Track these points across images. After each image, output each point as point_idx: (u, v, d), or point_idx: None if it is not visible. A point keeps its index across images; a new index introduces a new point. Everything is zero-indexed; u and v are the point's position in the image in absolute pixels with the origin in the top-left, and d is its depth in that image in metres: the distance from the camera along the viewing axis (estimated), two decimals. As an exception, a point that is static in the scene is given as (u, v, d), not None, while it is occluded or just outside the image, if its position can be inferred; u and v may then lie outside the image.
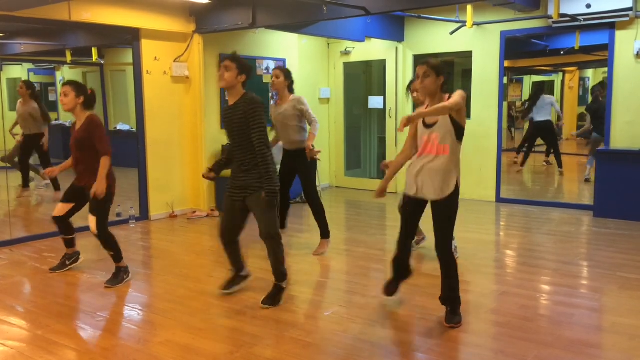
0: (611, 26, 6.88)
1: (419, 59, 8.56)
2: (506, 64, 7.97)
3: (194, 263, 5.40)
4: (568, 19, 6.76)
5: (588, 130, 8.61)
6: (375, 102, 9.12)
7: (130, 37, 6.81)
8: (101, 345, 3.60)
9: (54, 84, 8.80)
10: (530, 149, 9.43)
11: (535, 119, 9.13)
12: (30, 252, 5.67)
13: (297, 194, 7.74)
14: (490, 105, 7.89)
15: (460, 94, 3.53)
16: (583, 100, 10.54)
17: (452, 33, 7.72)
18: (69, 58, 7.98)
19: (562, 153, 9.48)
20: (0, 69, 7.42)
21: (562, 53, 8.91)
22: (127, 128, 7.94)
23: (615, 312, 4.03)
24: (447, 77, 3.71)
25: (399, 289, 4.16)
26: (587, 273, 4.97)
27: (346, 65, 9.26)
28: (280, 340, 3.59)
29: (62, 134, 8.64)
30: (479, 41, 7.89)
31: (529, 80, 10.56)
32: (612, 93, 6.99)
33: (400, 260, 4.04)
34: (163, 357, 3.37)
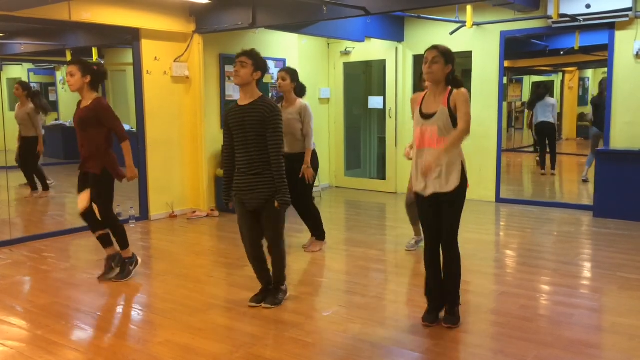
0: (611, 26, 6.88)
1: (418, 59, 8.57)
2: (506, 64, 7.97)
3: (194, 263, 5.40)
4: (568, 19, 6.76)
5: (591, 119, 8.56)
6: (375, 102, 9.13)
7: (130, 37, 6.80)
8: (101, 345, 3.60)
9: (54, 84, 8.80)
10: (544, 151, 9.41)
11: (538, 120, 9.14)
12: (30, 252, 5.67)
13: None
14: (490, 105, 7.89)
15: (465, 100, 3.45)
16: (583, 100, 10.55)
17: (452, 33, 7.72)
18: (69, 58, 7.97)
19: (563, 153, 9.49)
20: (1, 69, 7.43)
21: (562, 53, 8.92)
22: (127, 128, 7.92)
23: (615, 312, 4.02)
24: (454, 68, 3.58)
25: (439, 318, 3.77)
26: (587, 273, 4.97)
27: (346, 65, 9.26)
28: (280, 340, 3.59)
29: (62, 134, 8.65)
30: (479, 41, 7.89)
31: (528, 81, 10.57)
32: (612, 93, 6.98)
33: (432, 282, 3.75)
34: (162, 357, 3.37)
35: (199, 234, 6.54)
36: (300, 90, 5.42)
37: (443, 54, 3.52)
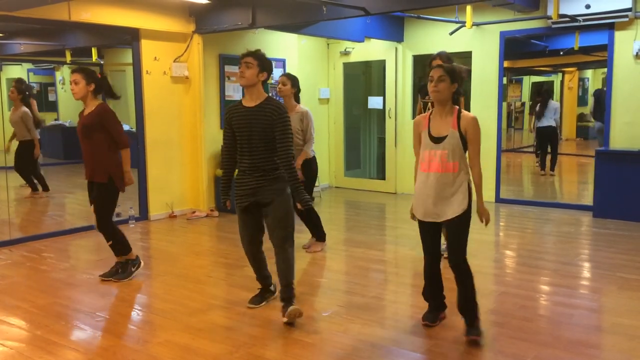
0: (610, 27, 6.89)
1: (418, 60, 8.58)
2: (506, 64, 7.97)
3: (194, 263, 5.40)
4: (567, 19, 6.77)
5: (591, 111, 8.55)
6: (374, 103, 9.13)
7: (129, 37, 6.80)
8: (100, 345, 3.60)
9: (53, 84, 8.80)
10: (545, 153, 9.43)
11: (540, 124, 9.14)
12: (29, 252, 5.66)
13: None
14: (490, 105, 7.89)
15: (479, 130, 3.40)
16: (582, 100, 10.55)
17: (452, 33, 7.73)
18: (68, 58, 7.98)
19: (562, 154, 9.50)
20: (0, 69, 7.42)
21: (562, 53, 8.92)
22: (127, 128, 7.92)
23: (615, 313, 4.03)
24: (461, 85, 3.47)
25: (440, 317, 3.80)
26: (587, 273, 4.97)
27: (346, 65, 9.26)
28: (280, 341, 3.59)
29: (62, 134, 8.65)
30: (479, 41, 7.89)
31: (528, 81, 10.58)
32: (612, 94, 6.99)
33: (432, 290, 3.74)
34: (162, 358, 3.36)
35: (199, 234, 6.54)
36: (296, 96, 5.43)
37: (448, 72, 3.38)
